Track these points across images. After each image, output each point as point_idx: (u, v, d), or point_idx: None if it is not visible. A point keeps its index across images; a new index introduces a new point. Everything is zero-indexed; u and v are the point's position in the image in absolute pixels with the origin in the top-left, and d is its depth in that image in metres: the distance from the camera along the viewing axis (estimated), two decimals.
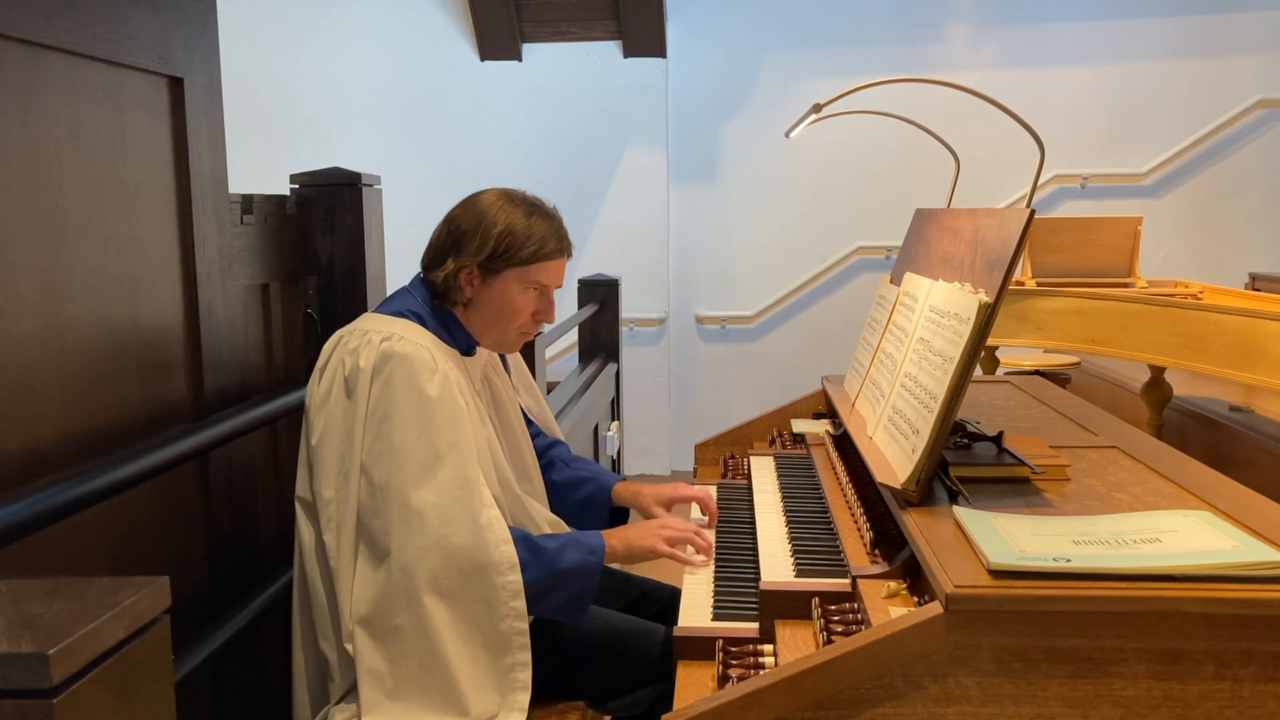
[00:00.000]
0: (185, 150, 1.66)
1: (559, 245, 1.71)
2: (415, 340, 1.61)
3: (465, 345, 1.75)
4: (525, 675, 1.56)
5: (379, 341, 1.58)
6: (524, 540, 1.59)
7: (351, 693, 1.60)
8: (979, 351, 1.44)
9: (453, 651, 1.52)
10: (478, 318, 1.72)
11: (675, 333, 5.63)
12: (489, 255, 1.65)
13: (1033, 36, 5.33)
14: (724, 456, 2.41)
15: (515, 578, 1.54)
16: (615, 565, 1.83)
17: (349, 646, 1.55)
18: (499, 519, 1.57)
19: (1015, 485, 1.56)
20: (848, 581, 1.47)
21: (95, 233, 1.45)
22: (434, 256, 1.70)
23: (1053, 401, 2.27)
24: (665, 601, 2.01)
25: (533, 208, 1.70)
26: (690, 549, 1.76)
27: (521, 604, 1.54)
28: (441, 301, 1.70)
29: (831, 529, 1.73)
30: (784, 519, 1.83)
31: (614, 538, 1.71)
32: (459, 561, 1.51)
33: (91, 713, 0.74)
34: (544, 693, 1.69)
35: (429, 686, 1.52)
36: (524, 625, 1.55)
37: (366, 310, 2.25)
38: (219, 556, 1.77)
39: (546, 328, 3.00)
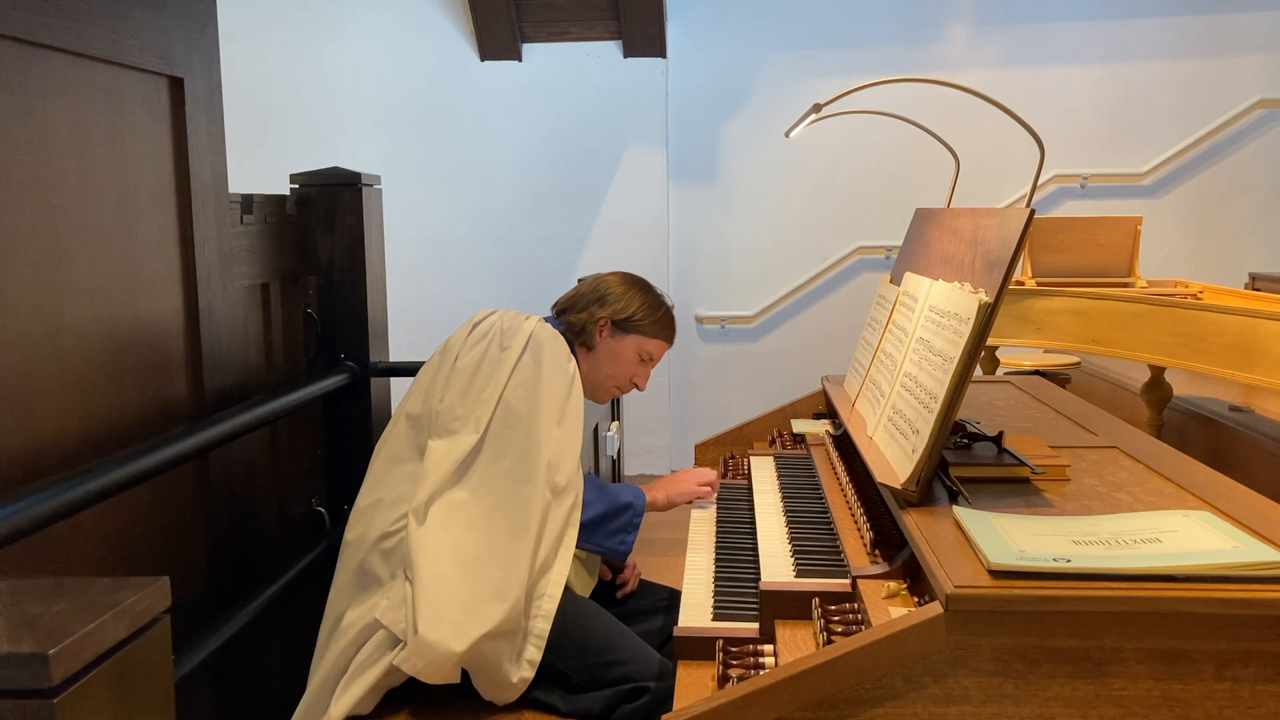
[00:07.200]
0: (185, 150, 1.66)
1: (671, 333, 2.11)
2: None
3: None
4: (551, 606, 1.75)
5: (538, 321, 1.93)
6: (590, 481, 1.91)
7: (395, 587, 1.71)
8: (979, 351, 1.44)
9: (536, 535, 1.73)
10: (592, 362, 2.04)
11: None
12: (626, 317, 2.02)
13: (1033, 36, 5.33)
14: (724, 456, 2.41)
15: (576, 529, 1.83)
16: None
17: (418, 527, 1.70)
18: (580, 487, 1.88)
19: (1015, 485, 1.56)
20: (848, 581, 1.47)
21: (95, 233, 1.45)
22: (575, 303, 2.05)
23: (1053, 401, 2.27)
24: (666, 603, 2.01)
25: (661, 298, 2.12)
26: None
27: (575, 533, 1.82)
28: (572, 339, 2.00)
29: (831, 529, 1.73)
30: (784, 519, 1.83)
31: (654, 490, 2.03)
32: (560, 486, 1.80)
33: (91, 713, 0.74)
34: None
35: (506, 548, 1.71)
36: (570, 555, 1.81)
37: (366, 310, 2.26)
38: (219, 556, 1.77)
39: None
